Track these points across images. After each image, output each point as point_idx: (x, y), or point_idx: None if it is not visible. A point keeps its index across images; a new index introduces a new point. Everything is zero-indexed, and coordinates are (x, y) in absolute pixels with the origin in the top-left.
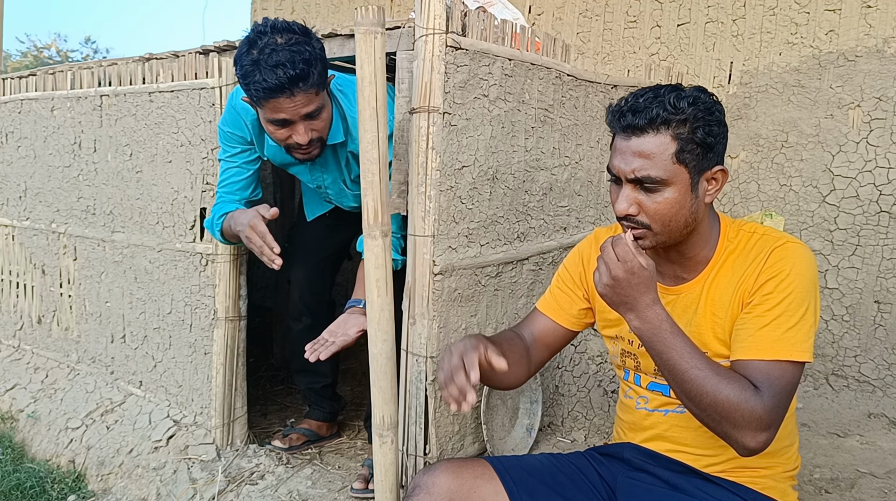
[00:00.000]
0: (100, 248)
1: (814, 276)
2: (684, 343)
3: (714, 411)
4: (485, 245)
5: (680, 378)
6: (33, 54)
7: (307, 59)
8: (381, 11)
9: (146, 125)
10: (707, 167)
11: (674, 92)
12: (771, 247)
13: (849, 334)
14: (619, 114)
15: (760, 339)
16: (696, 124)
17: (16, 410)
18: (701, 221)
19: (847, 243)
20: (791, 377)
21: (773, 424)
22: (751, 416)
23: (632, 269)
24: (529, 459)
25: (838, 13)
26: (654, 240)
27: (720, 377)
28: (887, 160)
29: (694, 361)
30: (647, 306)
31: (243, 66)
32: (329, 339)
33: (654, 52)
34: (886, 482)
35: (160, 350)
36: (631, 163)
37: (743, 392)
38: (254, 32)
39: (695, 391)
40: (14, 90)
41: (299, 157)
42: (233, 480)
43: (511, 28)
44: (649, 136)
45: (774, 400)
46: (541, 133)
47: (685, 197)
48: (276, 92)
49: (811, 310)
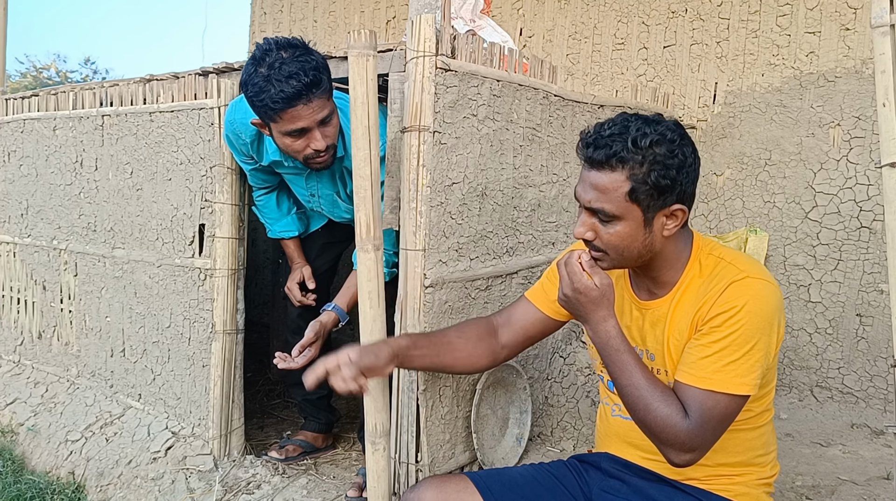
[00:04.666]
0: (100, 264)
1: (768, 314)
2: (629, 359)
3: (644, 425)
4: (474, 259)
5: (620, 390)
6: (32, 75)
7: (315, 66)
8: (373, 35)
9: (146, 144)
10: (663, 205)
11: (641, 129)
12: (730, 280)
13: (832, 347)
14: (585, 143)
15: (700, 368)
16: (653, 167)
17: (16, 424)
18: (661, 250)
19: (829, 258)
20: (724, 407)
21: (696, 448)
22: (675, 438)
23: (579, 289)
24: (510, 473)
25: (818, 35)
26: (611, 263)
27: (655, 396)
28: (867, 177)
29: (634, 378)
30: (597, 322)
31: (255, 83)
32: (315, 337)
33: (642, 73)
34: (866, 489)
35: (159, 363)
36: (588, 193)
37: (671, 415)
38: (258, 51)
39: (630, 404)
40: (17, 110)
41: (316, 166)
42: (230, 490)
43: (499, 50)
44: (606, 172)
45: (700, 428)
46: (529, 151)
47: (637, 232)
48: (295, 99)
49: (759, 347)
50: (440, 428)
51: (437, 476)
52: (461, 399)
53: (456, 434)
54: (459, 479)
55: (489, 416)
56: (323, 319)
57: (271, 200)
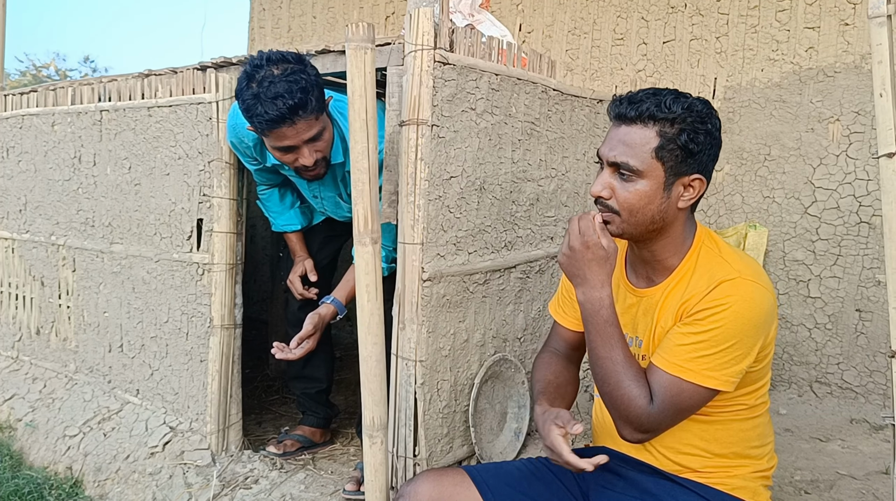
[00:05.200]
0: (98, 260)
1: (753, 317)
2: (611, 333)
3: (609, 399)
4: (473, 253)
5: (594, 360)
6: (32, 73)
7: (304, 87)
8: (370, 28)
9: (145, 139)
10: (685, 172)
11: (674, 94)
12: (721, 278)
13: (831, 342)
14: (617, 102)
15: (674, 354)
16: (683, 127)
17: (14, 419)
18: (671, 225)
19: (829, 253)
20: (689, 397)
21: (650, 430)
22: (636, 417)
23: (587, 243)
24: (507, 467)
25: (817, 31)
26: (620, 227)
27: (627, 374)
28: (866, 172)
29: (612, 352)
30: (594, 286)
31: (245, 100)
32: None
33: (641, 68)
34: (865, 483)
35: (157, 358)
36: (614, 148)
37: (639, 396)
38: (251, 66)
39: (601, 376)
40: (15, 106)
41: (307, 177)
42: (227, 484)
43: (498, 44)
44: (636, 128)
45: (662, 413)
46: (527, 145)
47: (656, 193)
48: (278, 122)
49: (738, 347)
50: (438, 422)
51: (434, 470)
52: (459, 393)
53: (454, 428)
54: (456, 473)
55: (487, 410)
56: (321, 311)
57: (274, 194)
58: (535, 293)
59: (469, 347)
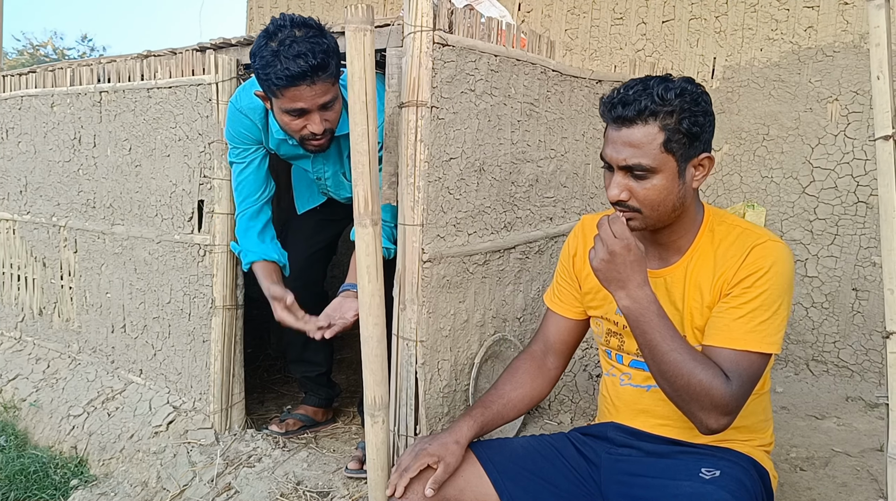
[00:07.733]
0: (100, 241)
1: (790, 275)
2: (667, 326)
3: (686, 392)
4: (472, 234)
5: (659, 358)
6: (29, 52)
7: (325, 50)
8: (370, 10)
9: (145, 120)
10: (693, 155)
11: (662, 83)
12: (752, 244)
13: (828, 321)
14: (611, 105)
15: (734, 329)
16: (683, 115)
17: (18, 400)
18: (689, 206)
19: (826, 233)
20: (757, 367)
21: (736, 410)
22: (720, 401)
23: (628, 246)
24: (511, 444)
25: (817, 10)
26: (644, 222)
27: (696, 362)
28: (864, 152)
29: (675, 344)
30: (637, 285)
31: (263, 56)
32: (327, 323)
33: (640, 48)
34: (860, 460)
35: (160, 338)
36: (622, 152)
37: (715, 378)
38: (272, 26)
39: (671, 372)
40: (14, 87)
41: (311, 148)
42: (231, 463)
43: (497, 25)
44: (638, 127)
45: (741, 388)
46: (527, 126)
47: (673, 183)
48: (298, 79)
49: (784, 306)
50: (439, 402)
51: None
52: (459, 372)
53: (454, 407)
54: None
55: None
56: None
57: (253, 229)
58: (534, 273)
59: (469, 327)
